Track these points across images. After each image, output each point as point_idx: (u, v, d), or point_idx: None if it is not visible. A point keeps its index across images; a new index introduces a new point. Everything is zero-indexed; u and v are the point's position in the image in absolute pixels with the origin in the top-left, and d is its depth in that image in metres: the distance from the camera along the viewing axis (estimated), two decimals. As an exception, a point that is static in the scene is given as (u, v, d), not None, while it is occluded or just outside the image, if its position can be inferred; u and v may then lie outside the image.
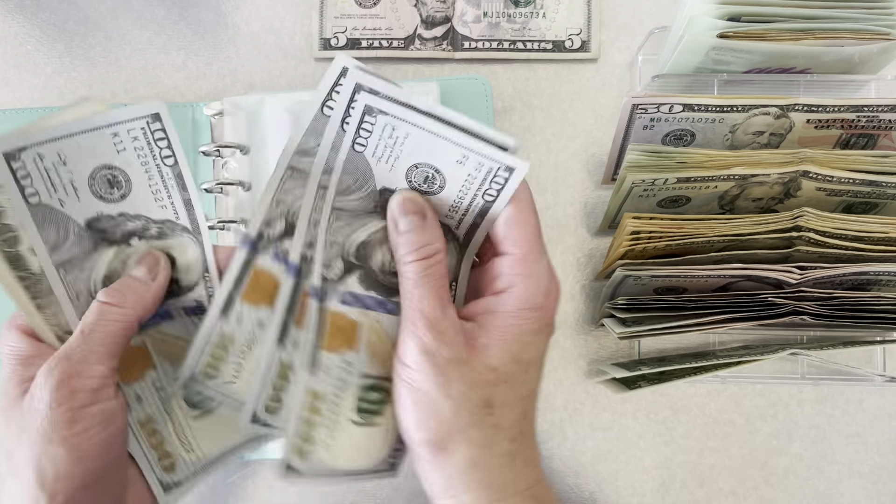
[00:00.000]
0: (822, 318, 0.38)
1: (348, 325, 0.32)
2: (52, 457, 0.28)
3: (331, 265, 0.31)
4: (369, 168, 0.31)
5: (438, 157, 0.30)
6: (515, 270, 0.30)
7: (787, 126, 0.39)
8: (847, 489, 0.46)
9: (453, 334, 0.29)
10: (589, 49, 0.47)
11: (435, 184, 0.31)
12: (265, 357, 0.31)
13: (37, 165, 0.29)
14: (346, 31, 0.47)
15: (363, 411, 0.32)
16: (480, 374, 0.28)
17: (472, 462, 0.28)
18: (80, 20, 0.48)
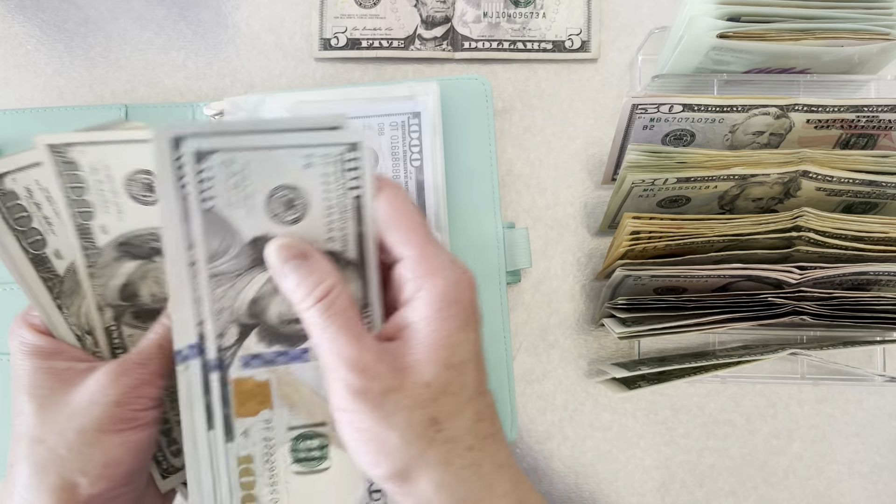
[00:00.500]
0: (822, 318, 0.38)
1: (256, 386, 0.31)
2: (104, 447, 0.30)
3: (224, 333, 0.30)
4: (228, 223, 0.29)
5: (287, 172, 0.28)
6: (417, 272, 0.28)
7: (786, 126, 0.39)
8: (847, 489, 0.46)
9: (377, 366, 0.27)
10: (589, 49, 0.47)
11: (299, 205, 0.29)
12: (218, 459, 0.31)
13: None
14: (346, 31, 0.47)
15: (302, 461, 0.31)
16: (417, 396, 0.27)
17: (439, 484, 0.27)
18: (81, 20, 0.48)
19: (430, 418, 0.27)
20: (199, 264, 0.29)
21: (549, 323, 0.46)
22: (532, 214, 0.47)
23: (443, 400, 0.28)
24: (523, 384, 0.46)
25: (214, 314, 0.30)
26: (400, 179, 0.41)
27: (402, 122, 0.42)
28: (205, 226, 0.29)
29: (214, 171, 0.28)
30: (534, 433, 0.46)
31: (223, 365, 0.30)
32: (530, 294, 0.46)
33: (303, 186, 0.29)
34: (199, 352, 0.30)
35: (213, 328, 0.30)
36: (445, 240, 0.42)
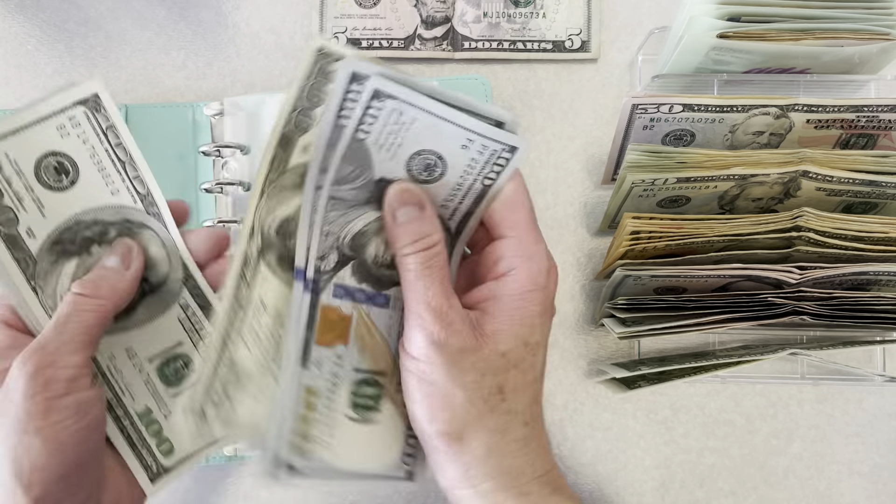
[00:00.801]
0: (822, 318, 0.38)
1: (339, 318, 0.31)
2: (27, 448, 0.28)
3: (325, 256, 0.31)
4: (369, 157, 0.30)
5: (443, 143, 0.30)
6: (516, 252, 0.29)
7: (786, 126, 0.39)
8: (847, 489, 0.46)
9: (461, 324, 0.28)
10: (589, 49, 0.47)
11: (436, 171, 0.30)
12: (285, 382, 0.30)
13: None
14: (346, 31, 0.47)
15: (358, 406, 0.31)
16: (491, 361, 0.28)
17: (490, 450, 0.28)
18: (81, 20, 0.48)
19: (498, 386, 0.29)
20: (324, 187, 0.30)
21: (549, 323, 0.46)
22: (532, 214, 0.47)
23: (513, 373, 0.29)
24: (523, 384, 0.46)
25: (322, 236, 0.30)
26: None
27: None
28: (348, 151, 0.29)
29: (382, 113, 0.29)
30: (534, 433, 0.46)
31: (317, 288, 0.31)
32: (530, 294, 0.46)
33: (449, 160, 0.30)
34: (302, 276, 0.30)
35: (316, 249, 0.30)
36: None
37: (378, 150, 0.30)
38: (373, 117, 0.29)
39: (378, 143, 0.30)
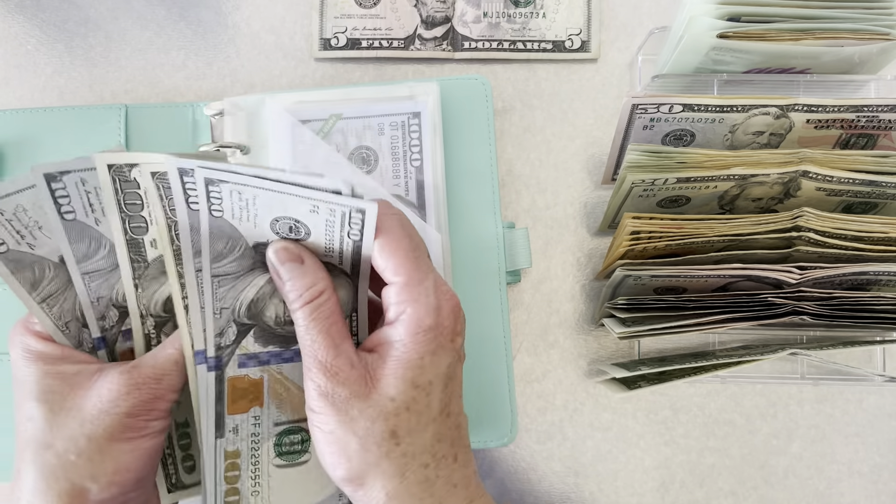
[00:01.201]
0: (822, 318, 0.38)
1: (250, 384, 0.33)
2: (115, 454, 0.30)
3: (224, 332, 0.32)
4: (234, 228, 0.31)
5: (293, 210, 0.30)
6: (401, 297, 0.30)
7: (786, 126, 0.39)
8: (847, 489, 0.46)
9: (348, 372, 0.29)
10: (589, 49, 0.47)
11: (301, 231, 0.31)
12: (206, 454, 0.32)
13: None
14: (346, 31, 0.47)
15: (284, 454, 0.33)
16: (381, 407, 0.29)
17: (390, 494, 0.29)
18: (81, 20, 0.48)
19: (390, 430, 0.29)
20: (204, 268, 0.31)
21: (549, 323, 0.46)
22: (532, 214, 0.47)
23: (404, 416, 0.29)
24: (523, 384, 0.46)
25: (215, 314, 0.32)
26: (400, 179, 0.41)
27: (403, 122, 0.42)
28: (213, 229, 0.31)
29: (224, 194, 0.30)
30: (534, 433, 0.46)
31: (220, 364, 0.32)
32: (530, 294, 0.46)
33: (307, 223, 0.31)
34: (203, 357, 0.32)
35: (212, 327, 0.32)
36: (445, 240, 0.42)
37: (239, 222, 0.31)
38: (217, 198, 0.30)
39: (235, 216, 0.31)
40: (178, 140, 0.45)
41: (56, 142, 0.45)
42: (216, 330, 0.32)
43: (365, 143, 0.42)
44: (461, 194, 0.44)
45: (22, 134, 0.45)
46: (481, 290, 0.43)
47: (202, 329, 0.32)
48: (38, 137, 0.45)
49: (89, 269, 0.33)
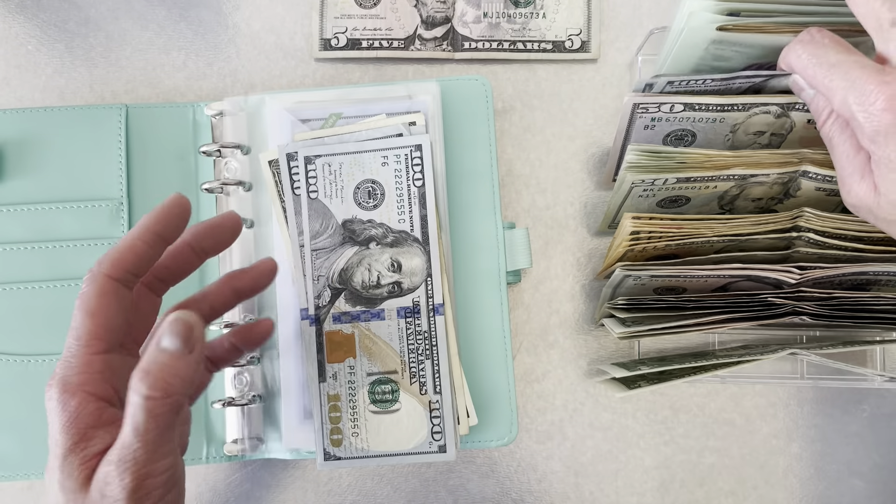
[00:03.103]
0: (822, 318, 0.38)
1: (344, 338, 0.40)
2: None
3: (320, 295, 0.39)
4: (326, 208, 0.39)
5: (369, 169, 0.39)
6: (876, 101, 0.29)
7: (787, 126, 0.39)
8: (847, 489, 0.46)
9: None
10: (589, 49, 0.48)
11: (377, 193, 0.39)
12: (314, 398, 0.39)
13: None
14: (346, 31, 0.47)
15: (377, 401, 0.39)
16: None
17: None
18: (81, 21, 0.48)
19: None
20: (305, 245, 0.40)
21: (549, 323, 0.46)
22: (532, 214, 0.47)
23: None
24: (523, 384, 0.46)
25: (314, 281, 0.39)
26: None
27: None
28: (311, 211, 0.40)
29: (318, 171, 0.39)
30: (534, 433, 0.46)
31: (319, 320, 0.40)
32: (530, 294, 0.46)
33: (381, 181, 0.39)
34: (307, 314, 0.40)
35: (312, 291, 0.39)
36: (446, 240, 0.42)
37: (330, 201, 0.40)
38: (314, 177, 0.39)
39: (327, 195, 0.40)
40: (178, 140, 0.45)
41: (56, 142, 0.45)
42: (315, 293, 0.39)
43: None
44: (461, 195, 0.44)
45: (22, 134, 0.45)
46: (481, 290, 0.43)
47: (305, 293, 0.39)
48: (39, 137, 0.45)
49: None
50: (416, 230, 0.39)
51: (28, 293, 0.44)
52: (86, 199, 0.44)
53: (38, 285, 0.44)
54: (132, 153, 0.45)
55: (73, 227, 0.44)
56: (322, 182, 0.39)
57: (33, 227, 0.44)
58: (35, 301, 0.44)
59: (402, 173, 0.39)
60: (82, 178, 0.44)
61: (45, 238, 0.44)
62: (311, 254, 0.39)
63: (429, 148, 0.39)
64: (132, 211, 0.44)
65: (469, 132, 0.44)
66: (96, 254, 0.44)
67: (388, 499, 0.46)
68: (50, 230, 0.44)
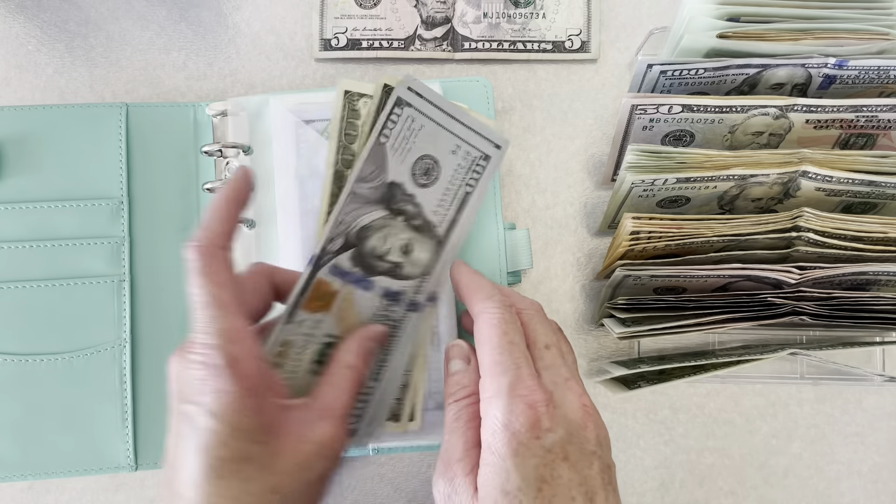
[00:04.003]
0: (822, 318, 0.38)
1: (329, 291, 0.37)
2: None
3: (334, 240, 0.37)
4: (386, 160, 0.37)
5: (439, 148, 0.37)
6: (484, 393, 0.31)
7: (786, 126, 0.39)
8: (847, 489, 0.46)
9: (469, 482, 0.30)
10: (589, 49, 0.48)
11: (433, 174, 0.37)
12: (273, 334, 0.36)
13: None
14: (346, 31, 0.48)
15: (319, 362, 0.36)
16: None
17: None
18: (82, 21, 0.48)
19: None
20: (348, 183, 0.37)
21: (549, 323, 0.46)
22: (532, 215, 0.47)
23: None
24: (523, 384, 0.46)
25: (336, 222, 0.37)
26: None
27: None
28: (371, 153, 0.37)
29: (401, 119, 0.37)
30: (534, 433, 0.46)
31: (319, 264, 0.37)
32: (530, 294, 0.46)
33: (442, 164, 0.37)
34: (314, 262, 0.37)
35: (329, 232, 0.37)
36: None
37: (393, 153, 0.37)
38: (393, 122, 0.36)
39: (394, 147, 0.37)
40: (179, 140, 0.45)
41: (56, 140, 0.45)
42: (329, 234, 0.36)
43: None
44: (461, 194, 0.44)
45: (22, 132, 0.44)
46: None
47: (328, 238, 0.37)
48: (39, 135, 0.44)
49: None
50: (442, 228, 0.38)
51: (27, 292, 0.44)
52: (86, 198, 0.44)
53: (37, 284, 0.44)
54: (132, 152, 0.45)
55: (73, 226, 0.44)
56: (398, 132, 0.37)
57: (33, 225, 0.44)
58: (34, 300, 0.43)
59: (461, 170, 0.37)
60: (82, 176, 0.44)
61: (44, 237, 0.44)
62: (349, 195, 0.37)
63: (495, 165, 0.38)
64: (132, 210, 0.44)
65: (469, 132, 0.44)
66: (96, 253, 0.44)
67: (389, 499, 0.46)
68: (49, 229, 0.44)
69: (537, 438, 0.29)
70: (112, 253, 0.44)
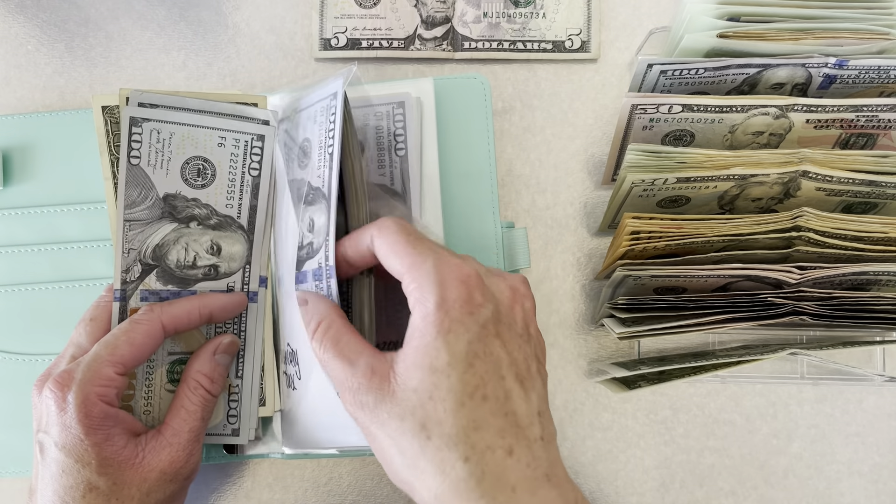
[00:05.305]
0: (822, 318, 0.38)
1: None
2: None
3: (129, 269, 0.37)
4: (148, 178, 0.36)
5: (202, 146, 0.36)
6: (407, 287, 0.30)
7: (786, 126, 0.39)
8: (847, 489, 0.46)
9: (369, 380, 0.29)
10: (589, 49, 0.48)
11: (208, 174, 0.37)
12: None
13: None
14: (346, 31, 0.47)
15: (175, 381, 0.38)
16: (405, 402, 0.27)
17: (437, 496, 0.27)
18: (81, 21, 0.48)
19: (419, 425, 0.27)
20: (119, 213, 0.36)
21: (549, 323, 0.46)
22: (532, 214, 0.47)
23: (429, 406, 0.27)
24: (523, 384, 0.46)
25: (123, 253, 0.36)
26: (385, 169, 0.41)
27: (387, 111, 0.42)
28: (129, 177, 0.36)
29: (144, 136, 0.36)
30: (534, 433, 0.46)
31: (125, 296, 0.37)
32: (530, 294, 0.46)
33: (214, 161, 0.36)
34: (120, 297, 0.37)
35: (120, 264, 0.37)
36: (441, 239, 0.42)
37: (153, 169, 0.36)
38: (137, 143, 0.36)
39: (150, 163, 0.36)
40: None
41: (59, 144, 0.45)
42: (123, 267, 0.37)
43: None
44: (460, 194, 0.44)
45: (26, 138, 0.45)
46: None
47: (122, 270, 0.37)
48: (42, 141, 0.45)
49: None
50: (242, 217, 0.37)
51: (34, 294, 0.44)
52: (89, 202, 0.44)
53: (45, 286, 0.44)
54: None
55: (77, 230, 0.44)
56: (147, 149, 0.36)
57: (39, 229, 0.44)
58: (41, 302, 0.44)
59: (238, 158, 0.37)
60: (85, 180, 0.44)
61: (50, 240, 0.44)
62: (125, 224, 0.36)
63: (272, 140, 0.37)
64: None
65: (468, 131, 0.44)
66: (100, 255, 0.44)
67: (388, 499, 0.46)
68: (54, 232, 0.44)
69: (471, 314, 0.28)
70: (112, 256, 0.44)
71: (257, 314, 0.40)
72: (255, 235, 0.38)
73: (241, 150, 0.36)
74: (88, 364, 0.33)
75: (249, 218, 0.38)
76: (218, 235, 0.38)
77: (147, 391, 0.37)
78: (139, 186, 0.36)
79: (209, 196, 0.37)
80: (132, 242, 0.36)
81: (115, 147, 0.38)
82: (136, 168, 0.36)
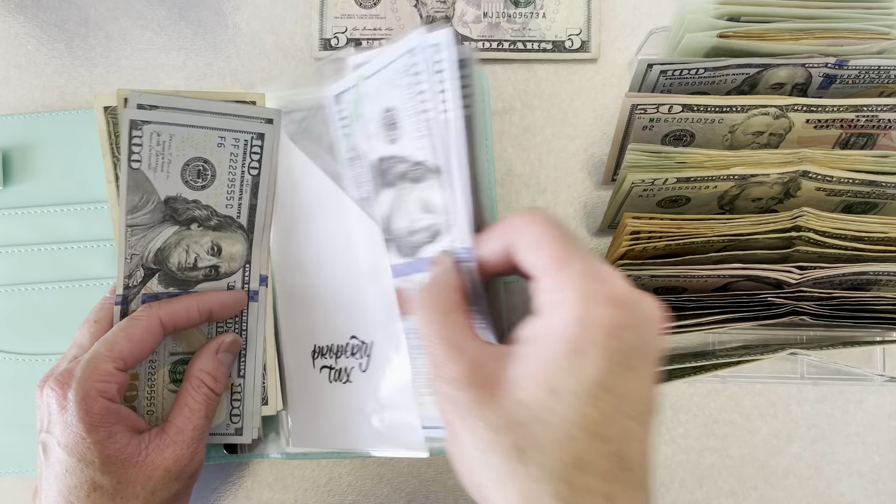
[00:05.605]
0: (822, 318, 0.38)
1: None
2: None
3: (132, 275, 0.37)
4: (149, 182, 0.36)
5: (201, 147, 0.36)
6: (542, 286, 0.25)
7: (786, 126, 0.39)
8: (847, 489, 0.46)
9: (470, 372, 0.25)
10: (589, 49, 0.48)
11: (208, 175, 0.37)
12: None
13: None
14: (346, 31, 0.47)
15: (177, 381, 0.38)
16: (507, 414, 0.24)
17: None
18: (81, 21, 0.48)
19: (515, 446, 0.23)
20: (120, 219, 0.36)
21: (549, 323, 0.46)
22: (532, 214, 0.47)
23: (535, 427, 0.23)
24: (523, 384, 0.46)
25: (126, 258, 0.36)
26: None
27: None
28: (130, 182, 0.35)
29: (144, 139, 0.35)
30: (534, 433, 0.46)
31: (127, 301, 0.37)
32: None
33: (214, 161, 0.36)
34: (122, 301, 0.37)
35: (123, 270, 0.36)
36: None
37: (154, 173, 0.36)
38: (137, 146, 0.35)
39: (151, 167, 0.36)
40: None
41: (59, 144, 0.45)
42: (126, 272, 0.36)
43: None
44: (461, 194, 0.44)
45: (26, 138, 0.45)
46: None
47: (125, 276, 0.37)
48: (42, 141, 0.45)
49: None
50: (242, 217, 0.37)
51: (34, 293, 0.44)
52: (89, 202, 0.44)
53: (45, 286, 0.44)
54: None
55: (77, 229, 0.44)
56: (147, 152, 0.35)
57: (39, 229, 0.44)
58: (41, 302, 0.44)
59: (237, 158, 0.36)
60: (86, 180, 0.45)
61: (49, 240, 0.44)
62: (126, 230, 0.36)
63: (272, 138, 0.37)
64: (132, 211, 0.45)
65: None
66: (100, 255, 0.44)
67: (388, 499, 0.46)
68: (54, 232, 0.44)
69: (614, 338, 0.24)
70: (113, 256, 0.44)
71: (258, 313, 0.40)
72: (255, 234, 0.38)
73: (240, 150, 0.36)
74: (88, 361, 0.33)
75: (249, 217, 0.38)
76: (218, 236, 0.38)
77: (150, 391, 0.38)
78: (140, 191, 0.36)
79: (209, 197, 0.37)
80: (134, 248, 0.36)
81: (117, 149, 0.38)
82: (137, 172, 0.35)
